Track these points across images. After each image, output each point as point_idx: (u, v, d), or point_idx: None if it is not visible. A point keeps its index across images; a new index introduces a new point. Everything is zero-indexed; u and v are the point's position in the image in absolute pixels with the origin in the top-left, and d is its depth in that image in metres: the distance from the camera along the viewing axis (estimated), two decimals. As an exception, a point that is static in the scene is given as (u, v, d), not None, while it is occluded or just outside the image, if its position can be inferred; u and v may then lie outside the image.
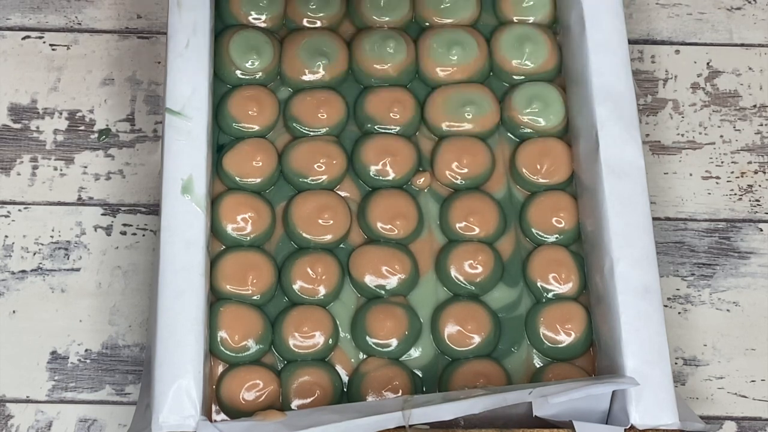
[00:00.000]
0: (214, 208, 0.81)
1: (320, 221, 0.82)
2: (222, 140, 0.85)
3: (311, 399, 0.78)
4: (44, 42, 0.93)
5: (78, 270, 0.86)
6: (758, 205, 0.90)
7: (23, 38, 0.93)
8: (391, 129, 0.85)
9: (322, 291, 0.81)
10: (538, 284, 0.82)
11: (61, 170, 0.89)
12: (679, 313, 0.87)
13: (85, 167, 0.89)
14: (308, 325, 0.79)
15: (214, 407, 0.78)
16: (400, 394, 0.78)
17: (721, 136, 0.92)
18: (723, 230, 0.89)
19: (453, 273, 0.81)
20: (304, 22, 0.88)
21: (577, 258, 0.82)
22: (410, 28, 0.89)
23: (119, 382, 0.84)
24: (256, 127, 0.85)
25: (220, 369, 0.79)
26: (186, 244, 0.76)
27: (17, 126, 0.90)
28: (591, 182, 0.80)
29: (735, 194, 0.90)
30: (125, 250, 0.87)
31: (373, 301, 0.81)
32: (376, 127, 0.85)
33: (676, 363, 0.86)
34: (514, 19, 0.89)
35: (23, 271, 0.86)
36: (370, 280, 0.81)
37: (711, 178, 0.91)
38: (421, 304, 0.82)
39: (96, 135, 0.90)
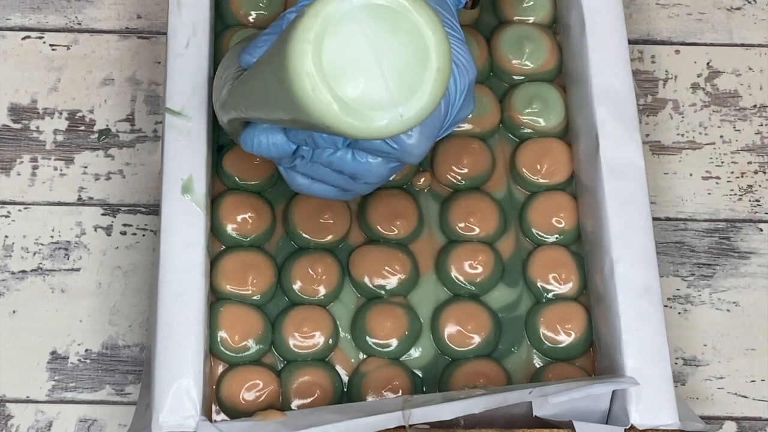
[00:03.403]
0: (214, 208, 0.81)
1: (320, 221, 0.82)
2: (222, 140, 0.84)
3: (311, 399, 0.78)
4: (44, 42, 0.93)
5: (78, 270, 0.86)
6: (758, 205, 0.90)
7: (23, 38, 0.93)
8: (391, 129, 0.85)
9: (322, 291, 0.81)
10: (538, 284, 0.82)
11: (61, 170, 0.89)
12: (679, 313, 0.87)
13: (85, 167, 0.89)
14: (308, 325, 0.79)
15: (214, 407, 0.78)
16: (400, 394, 0.78)
17: (721, 136, 0.92)
18: (723, 230, 0.89)
19: (453, 273, 0.81)
20: (304, 22, 0.88)
21: (577, 258, 0.82)
22: (410, 28, 0.89)
23: (119, 382, 0.84)
24: (256, 127, 0.84)
25: (220, 369, 0.79)
26: (186, 244, 0.76)
27: (17, 126, 0.90)
28: (591, 182, 0.80)
29: (735, 194, 0.90)
30: (125, 250, 0.87)
31: (373, 301, 0.81)
32: (376, 127, 0.85)
33: (676, 363, 0.86)
34: (514, 18, 0.89)
35: (23, 271, 0.86)
36: (370, 280, 0.81)
37: (711, 178, 0.91)
38: (421, 304, 0.82)
39: (96, 135, 0.90)
